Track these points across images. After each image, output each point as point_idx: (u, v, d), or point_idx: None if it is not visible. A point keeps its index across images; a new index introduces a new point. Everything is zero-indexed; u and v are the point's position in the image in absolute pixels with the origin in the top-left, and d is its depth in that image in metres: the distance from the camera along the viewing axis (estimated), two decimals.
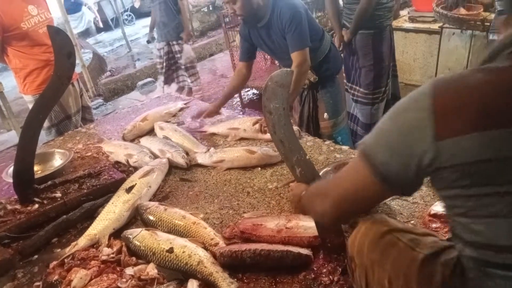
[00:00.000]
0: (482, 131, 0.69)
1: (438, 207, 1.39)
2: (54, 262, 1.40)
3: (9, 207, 1.71)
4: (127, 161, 2.07)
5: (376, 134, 0.83)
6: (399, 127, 0.77)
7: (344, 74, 3.20)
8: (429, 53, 4.37)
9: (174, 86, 4.91)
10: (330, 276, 1.22)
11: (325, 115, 2.51)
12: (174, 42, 4.69)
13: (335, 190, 0.94)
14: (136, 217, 1.67)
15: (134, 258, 1.38)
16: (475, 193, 0.73)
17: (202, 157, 2.03)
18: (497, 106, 0.69)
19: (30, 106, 2.93)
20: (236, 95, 5.26)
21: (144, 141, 2.28)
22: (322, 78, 2.40)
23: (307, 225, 1.36)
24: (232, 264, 1.29)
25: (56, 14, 6.51)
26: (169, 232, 1.48)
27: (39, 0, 2.86)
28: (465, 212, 0.76)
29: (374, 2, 2.74)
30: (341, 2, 3.20)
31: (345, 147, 1.99)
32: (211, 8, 8.66)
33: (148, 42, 5.55)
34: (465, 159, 0.70)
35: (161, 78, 5.02)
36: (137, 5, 10.87)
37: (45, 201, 1.73)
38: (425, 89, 0.75)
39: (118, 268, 1.34)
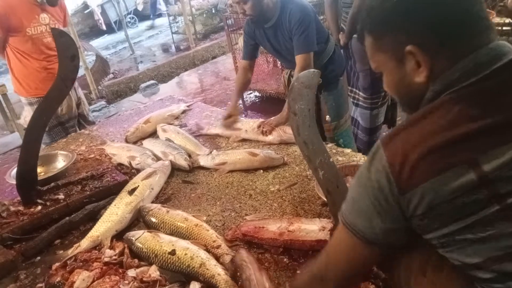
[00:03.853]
0: (437, 175, 0.72)
1: None
2: (57, 264, 1.41)
3: (12, 208, 1.72)
4: (130, 163, 2.08)
5: (350, 203, 0.87)
6: (367, 192, 0.81)
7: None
8: None
9: None
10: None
11: (327, 117, 2.51)
12: None
13: (332, 271, 0.93)
14: (139, 219, 1.68)
15: (136, 260, 1.38)
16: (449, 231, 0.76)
17: (205, 160, 2.03)
18: (444, 149, 0.72)
19: (26, 107, 2.94)
20: None
21: (147, 143, 2.29)
22: (327, 80, 2.39)
23: (309, 229, 1.36)
24: None
25: None
26: (172, 234, 1.48)
27: (56, 11, 2.85)
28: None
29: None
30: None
31: (347, 150, 1.99)
32: (213, 11, 8.68)
33: None
34: (428, 206, 0.74)
35: None
36: (140, 7, 11.00)
37: (48, 203, 1.74)
38: (378, 153, 0.79)
39: (120, 270, 1.34)
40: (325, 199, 1.33)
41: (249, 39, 2.42)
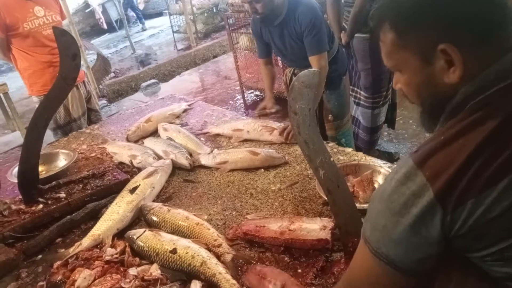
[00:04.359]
0: (488, 189, 0.67)
1: None
2: (58, 262, 1.41)
3: (13, 207, 1.72)
4: (131, 162, 2.08)
5: (380, 231, 0.77)
6: (403, 219, 0.73)
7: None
8: None
9: None
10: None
11: (330, 116, 2.51)
12: None
13: None
14: (140, 218, 1.68)
15: (137, 259, 1.38)
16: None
17: (206, 158, 2.03)
18: (493, 161, 0.68)
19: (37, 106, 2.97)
20: (239, 97, 5.29)
21: (148, 142, 2.29)
22: (330, 79, 2.39)
23: (310, 228, 1.36)
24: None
25: None
26: (173, 233, 1.49)
27: (50, 2, 2.87)
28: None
29: (368, 5, 2.73)
30: None
31: (348, 149, 1.99)
32: (214, 10, 8.68)
33: None
34: (476, 223, 0.69)
35: None
36: (141, 6, 10.99)
37: (49, 202, 1.74)
38: (413, 174, 0.72)
39: (121, 269, 1.34)
40: (326, 198, 1.33)
41: (258, 37, 2.42)
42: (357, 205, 1.35)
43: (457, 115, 0.76)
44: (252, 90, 5.22)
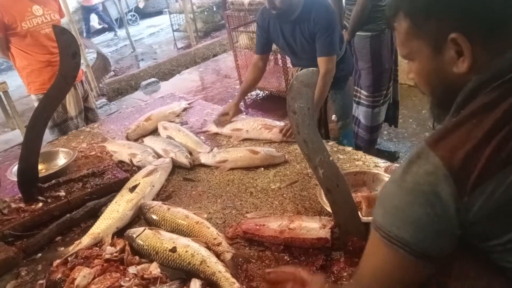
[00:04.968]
0: (506, 167, 0.66)
1: None
2: (58, 261, 1.41)
3: (13, 205, 1.72)
4: (131, 161, 2.08)
5: (393, 213, 0.75)
6: (416, 199, 0.72)
7: None
8: None
9: None
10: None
11: (333, 116, 2.49)
12: None
13: None
14: (140, 216, 1.68)
15: (137, 257, 1.38)
16: None
17: (205, 157, 2.03)
18: (506, 142, 0.67)
19: (35, 104, 2.96)
20: None
21: (148, 140, 2.29)
22: (337, 79, 2.36)
23: (310, 227, 1.36)
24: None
25: None
26: (172, 231, 1.49)
27: (49, 1, 2.86)
28: None
29: (369, 4, 2.73)
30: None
31: (348, 148, 1.99)
32: (214, 9, 8.67)
33: None
34: (497, 203, 0.67)
35: None
36: (141, 5, 11.01)
37: (49, 200, 1.74)
38: (425, 154, 0.72)
39: (121, 267, 1.34)
40: (326, 198, 1.33)
41: (263, 32, 2.37)
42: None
43: (469, 104, 0.75)
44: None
